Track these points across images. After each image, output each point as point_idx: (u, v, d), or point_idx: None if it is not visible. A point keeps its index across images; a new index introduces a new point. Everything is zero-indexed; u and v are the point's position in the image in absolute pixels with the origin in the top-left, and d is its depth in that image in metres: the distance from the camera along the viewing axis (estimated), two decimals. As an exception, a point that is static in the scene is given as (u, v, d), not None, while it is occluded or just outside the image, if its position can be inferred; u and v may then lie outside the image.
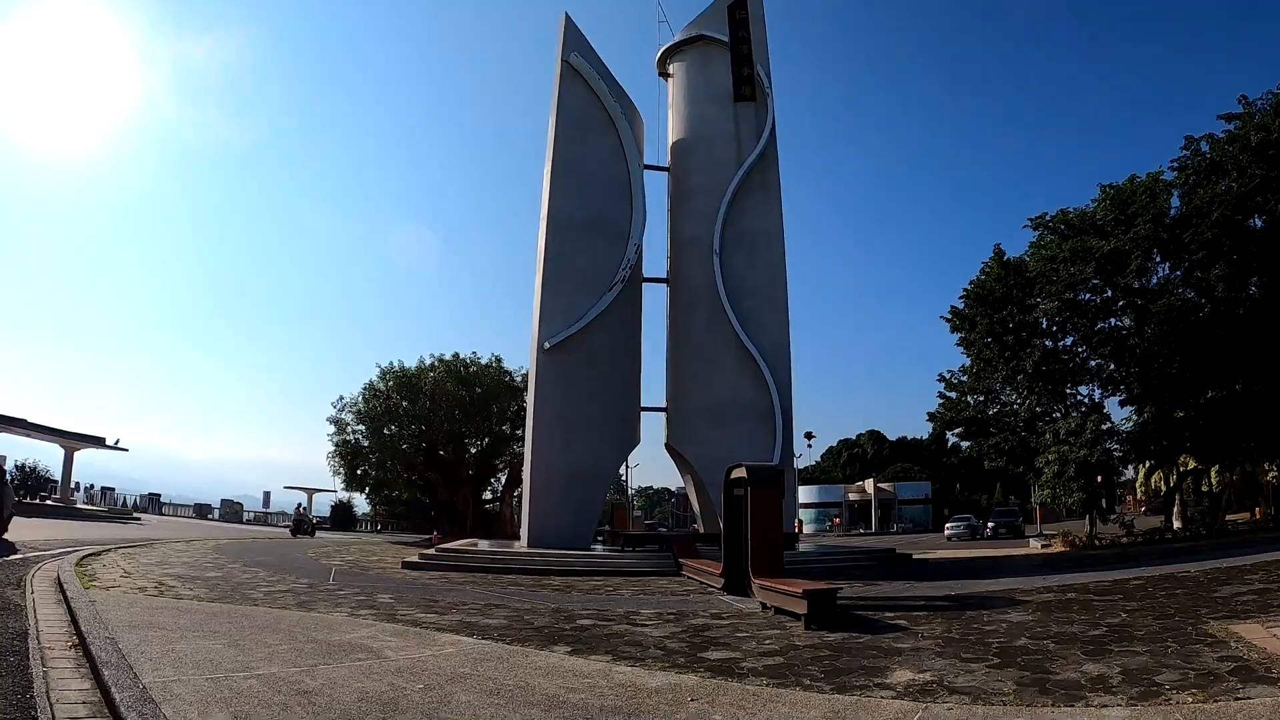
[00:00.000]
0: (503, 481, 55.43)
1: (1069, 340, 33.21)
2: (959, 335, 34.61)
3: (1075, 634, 9.08)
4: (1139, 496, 54.79)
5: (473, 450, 52.34)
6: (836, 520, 77.83)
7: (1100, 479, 29.52)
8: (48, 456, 59.40)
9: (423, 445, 49.60)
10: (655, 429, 29.23)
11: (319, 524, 54.67)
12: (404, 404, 48.98)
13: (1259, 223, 28.38)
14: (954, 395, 35.65)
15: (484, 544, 28.47)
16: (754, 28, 29.46)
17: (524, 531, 26.78)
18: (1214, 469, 35.51)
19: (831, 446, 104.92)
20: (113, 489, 76.72)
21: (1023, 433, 32.80)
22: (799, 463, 53.36)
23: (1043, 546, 30.54)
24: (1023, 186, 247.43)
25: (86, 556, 18.32)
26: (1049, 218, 33.51)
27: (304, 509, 62.99)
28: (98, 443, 61.42)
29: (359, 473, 50.62)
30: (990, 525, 48.63)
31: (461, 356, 51.51)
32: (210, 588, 14.18)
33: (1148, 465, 37.82)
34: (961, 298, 34.51)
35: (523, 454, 32.72)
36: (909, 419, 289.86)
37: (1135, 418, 31.85)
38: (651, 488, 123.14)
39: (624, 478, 60.66)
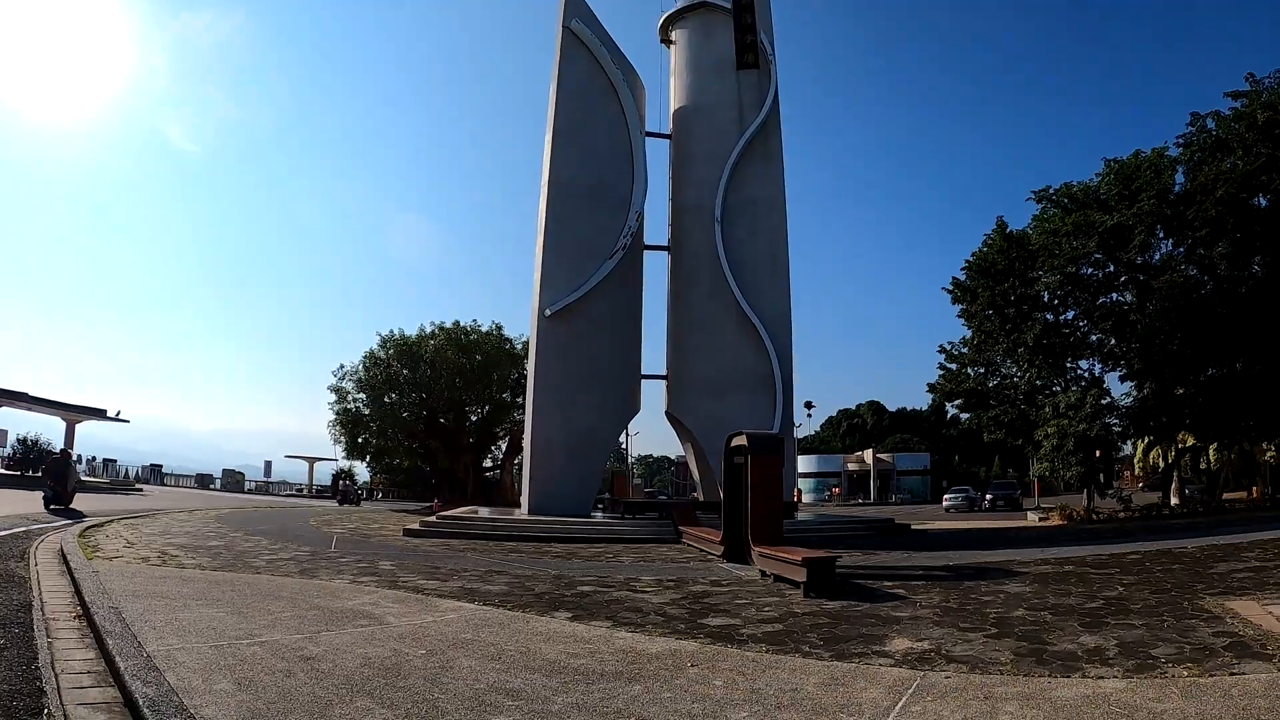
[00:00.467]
0: (503, 449, 55.60)
1: (1070, 314, 33.26)
2: (960, 307, 34.60)
3: (1072, 606, 9.13)
4: (1137, 472, 54.95)
5: (473, 418, 52.46)
6: (835, 490, 78.12)
7: (1099, 453, 29.60)
8: (49, 430, 59.47)
9: (423, 413, 49.68)
10: (655, 397, 29.29)
11: (361, 492, 54.03)
12: (404, 372, 48.99)
13: (1263, 202, 28.33)
14: (954, 367, 35.72)
15: (485, 511, 28.54)
16: (757, -6, 29.14)
17: (525, 499, 26.85)
18: (1212, 447, 35.64)
19: (831, 416, 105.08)
20: (114, 461, 76.63)
21: (1022, 405, 32.86)
22: (799, 432, 53.48)
23: (1040, 519, 30.65)
24: (1026, 159, 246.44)
25: (89, 528, 18.35)
26: (1052, 191, 33.38)
27: (345, 476, 59.98)
28: (99, 415, 61.52)
29: (360, 441, 50.70)
30: (988, 497, 48.85)
31: (462, 324, 51.42)
32: (213, 556, 14.22)
33: (1146, 441, 37.97)
34: (963, 269, 34.49)
35: (523, 422, 32.78)
36: (909, 390, 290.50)
37: (1135, 393, 31.95)
38: (651, 456, 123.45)
39: (624, 446, 60.75)
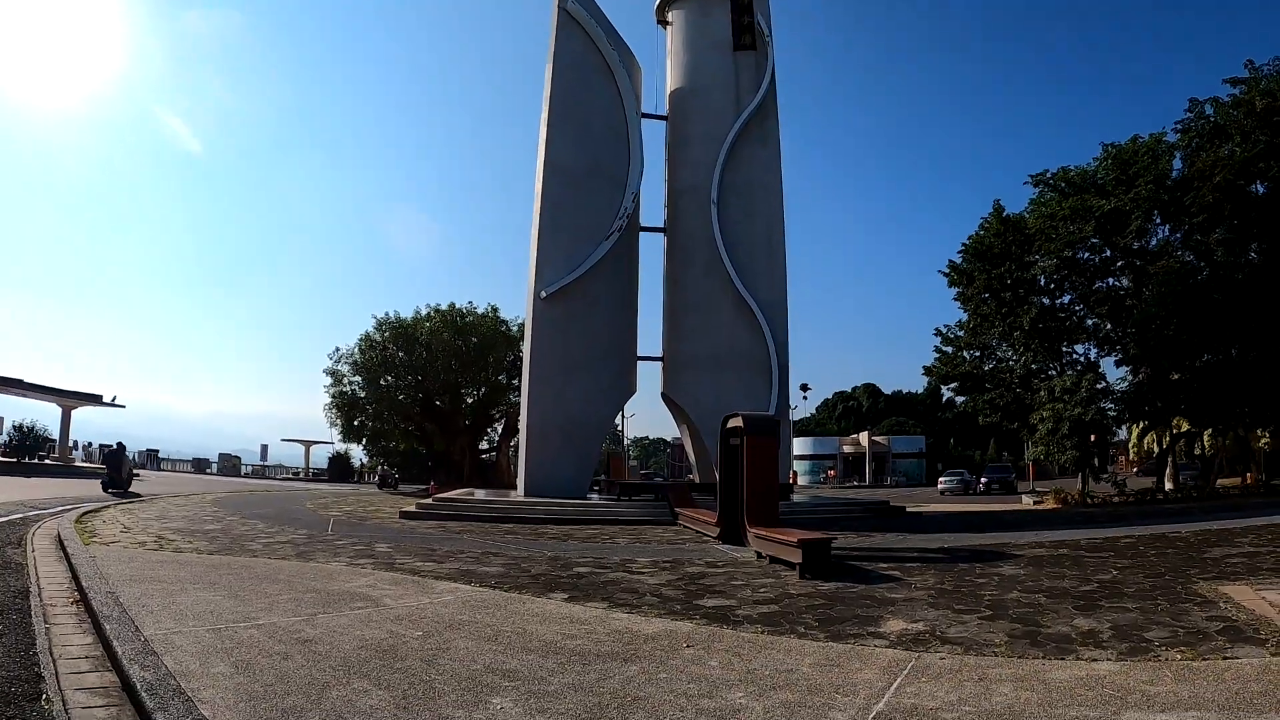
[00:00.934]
0: (499, 431, 55.66)
1: (1066, 298, 33.23)
2: (957, 290, 34.55)
3: (1066, 589, 9.17)
4: (1131, 457, 55.17)
5: (469, 400, 52.54)
6: (831, 472, 78.29)
7: (1094, 438, 29.66)
8: (45, 416, 59.50)
9: (419, 396, 49.77)
10: (652, 379, 29.30)
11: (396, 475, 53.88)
12: (400, 355, 49.04)
13: (1261, 189, 28.30)
14: (950, 350, 35.70)
15: (481, 493, 28.63)
16: (754, -25, 28.98)
17: (520, 481, 26.87)
18: (1207, 433, 35.68)
19: (827, 399, 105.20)
20: (111, 446, 76.73)
21: (1018, 389, 32.89)
22: (794, 414, 53.55)
23: (1035, 503, 30.73)
24: (1024, 143, 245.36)
25: (86, 513, 18.39)
26: (1050, 175, 33.30)
27: (385, 467, 58.28)
28: (95, 400, 61.45)
29: (356, 424, 50.84)
30: (983, 481, 49.02)
31: (458, 306, 51.45)
32: (210, 540, 14.25)
33: (1141, 426, 38.05)
34: (960, 253, 34.37)
35: (519, 404, 32.76)
36: (905, 373, 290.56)
37: (1130, 378, 31.96)
38: (647, 438, 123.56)
39: (620, 428, 60.87)
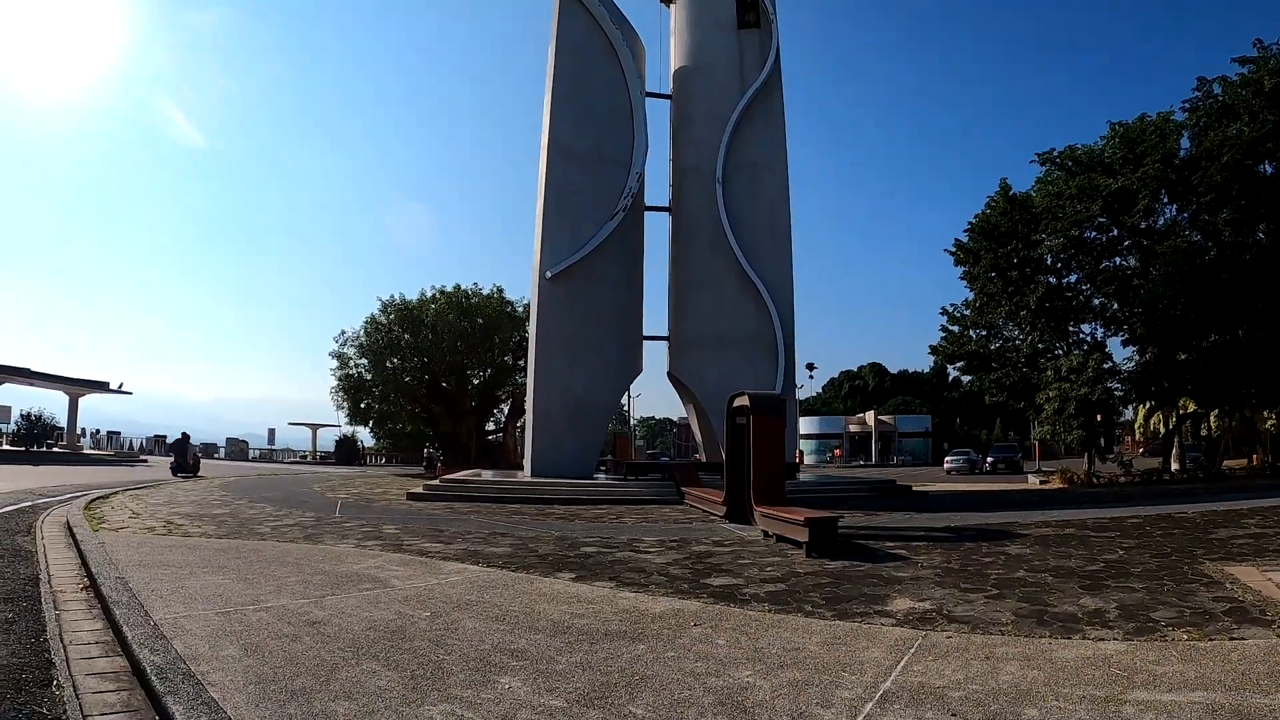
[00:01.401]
0: (505, 412, 55.77)
1: (1073, 278, 33.14)
2: (963, 269, 34.48)
3: (1073, 568, 9.17)
4: (1138, 438, 55.13)
5: (475, 382, 52.56)
6: (837, 451, 78.43)
7: (1100, 418, 29.65)
8: (52, 404, 59.81)
9: (425, 377, 49.81)
10: (657, 358, 29.29)
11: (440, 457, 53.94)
12: (406, 336, 49.03)
13: (1269, 169, 28.18)
14: (956, 329, 35.63)
15: (488, 474, 28.68)
16: (758, -48, 28.75)
17: (527, 461, 26.93)
18: (1213, 414, 35.68)
19: (833, 378, 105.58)
20: (118, 433, 77.38)
21: (1024, 369, 32.86)
22: (800, 394, 53.59)
23: (1041, 483, 30.76)
24: (1031, 121, 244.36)
25: (95, 500, 18.44)
26: (1057, 154, 33.07)
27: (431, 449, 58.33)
28: (101, 388, 61.68)
29: (362, 406, 50.98)
30: (989, 460, 49.02)
31: (463, 288, 51.42)
32: (218, 524, 14.28)
33: (1148, 406, 38.06)
34: (966, 231, 34.30)
35: (525, 384, 32.83)
36: (911, 352, 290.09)
37: (1137, 358, 31.91)
38: (654, 418, 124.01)
39: (626, 408, 61.02)
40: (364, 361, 49.78)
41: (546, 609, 7.13)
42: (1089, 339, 32.77)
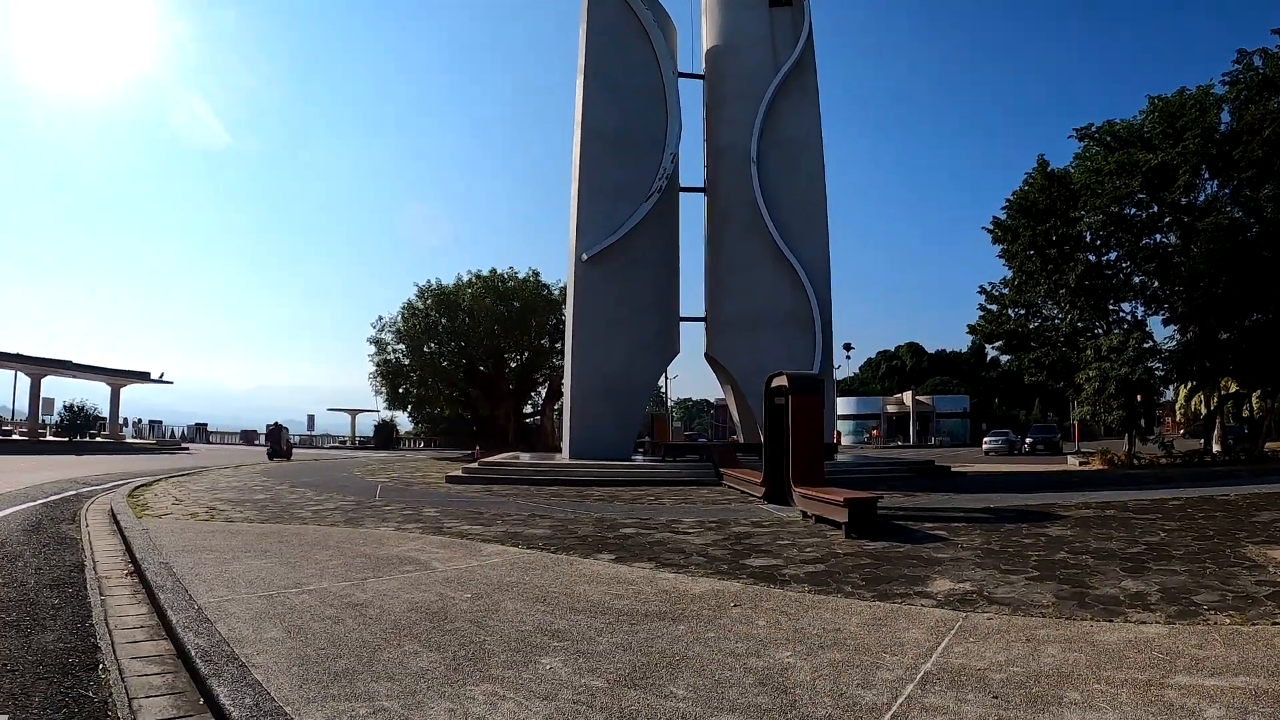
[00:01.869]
0: (543, 395, 56.08)
1: (1113, 255, 32.62)
2: (1001, 247, 34.08)
3: (1114, 550, 9.11)
4: (1178, 419, 54.33)
5: (512, 365, 52.85)
6: (875, 432, 78.07)
7: (1140, 398, 29.23)
8: (95, 395, 60.91)
9: (463, 362, 50.12)
10: (694, 340, 29.28)
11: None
12: (443, 321, 49.35)
13: None
14: (995, 308, 35.23)
15: (526, 457, 28.89)
16: (790, -72, 28.45)
17: (565, 444, 27.08)
18: (1255, 394, 35.02)
19: (870, 358, 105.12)
20: (160, 422, 78.83)
21: (1063, 348, 32.47)
22: (837, 374, 53.38)
23: (1080, 464, 30.46)
24: (1069, 96, 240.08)
25: (138, 487, 18.72)
26: (1095, 129, 32.49)
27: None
28: (143, 378, 62.68)
29: (400, 391, 51.44)
30: (1028, 441, 48.70)
31: (499, 272, 51.63)
32: (260, 509, 14.47)
33: (1188, 387, 37.46)
34: (1004, 209, 33.84)
35: (562, 367, 32.95)
36: (948, 332, 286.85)
37: (1178, 337, 31.36)
38: (690, 399, 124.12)
39: (663, 389, 61.06)
40: (401, 347, 50.22)
41: (586, 590, 7.20)
42: (1129, 318, 32.29)
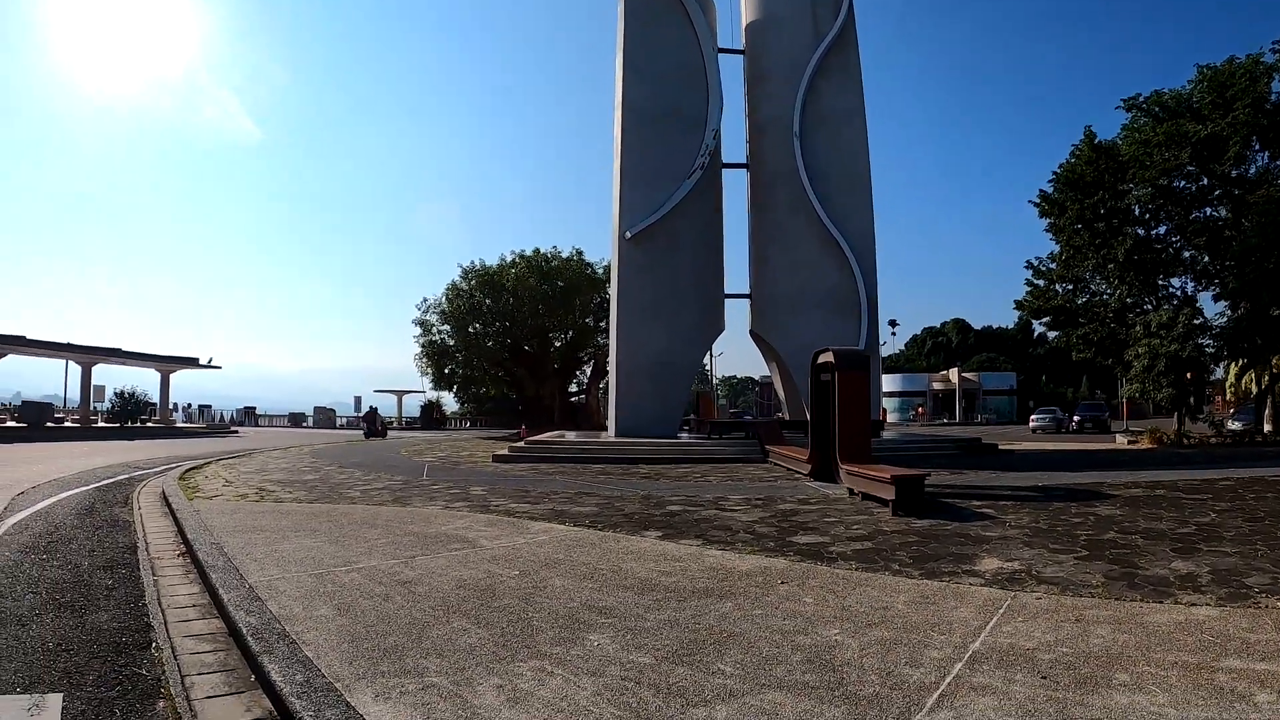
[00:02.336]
0: (588, 374, 56.35)
1: (1162, 229, 31.85)
2: (1048, 221, 33.50)
3: (1163, 530, 9.03)
4: (1228, 397, 53.23)
5: (557, 344, 53.11)
6: (920, 410, 77.44)
7: (1190, 376, 28.66)
8: (145, 381, 62.18)
9: (507, 341, 50.47)
10: (739, 317, 29.17)
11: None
12: (487, 302, 49.70)
13: None
14: (1042, 283, 34.65)
15: (571, 435, 29.05)
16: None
17: (611, 422, 27.21)
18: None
19: (915, 335, 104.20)
20: (209, 406, 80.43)
21: (1112, 324, 31.89)
22: (883, 350, 53.13)
23: (1129, 442, 29.99)
24: (1115, 66, 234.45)
25: (189, 470, 19.00)
26: (1143, 99, 31.58)
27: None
28: (192, 364, 63.71)
29: (446, 372, 52.02)
30: (1076, 419, 48.02)
31: (542, 251, 51.76)
32: (309, 490, 14.66)
33: (1239, 365, 36.61)
34: (1051, 181, 33.16)
35: (607, 345, 33.08)
36: (995, 307, 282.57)
37: (1229, 313, 30.64)
38: (735, 377, 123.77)
39: (708, 367, 61.01)
40: (446, 328, 50.66)
41: (634, 567, 7.30)
42: (1179, 293, 31.61)
